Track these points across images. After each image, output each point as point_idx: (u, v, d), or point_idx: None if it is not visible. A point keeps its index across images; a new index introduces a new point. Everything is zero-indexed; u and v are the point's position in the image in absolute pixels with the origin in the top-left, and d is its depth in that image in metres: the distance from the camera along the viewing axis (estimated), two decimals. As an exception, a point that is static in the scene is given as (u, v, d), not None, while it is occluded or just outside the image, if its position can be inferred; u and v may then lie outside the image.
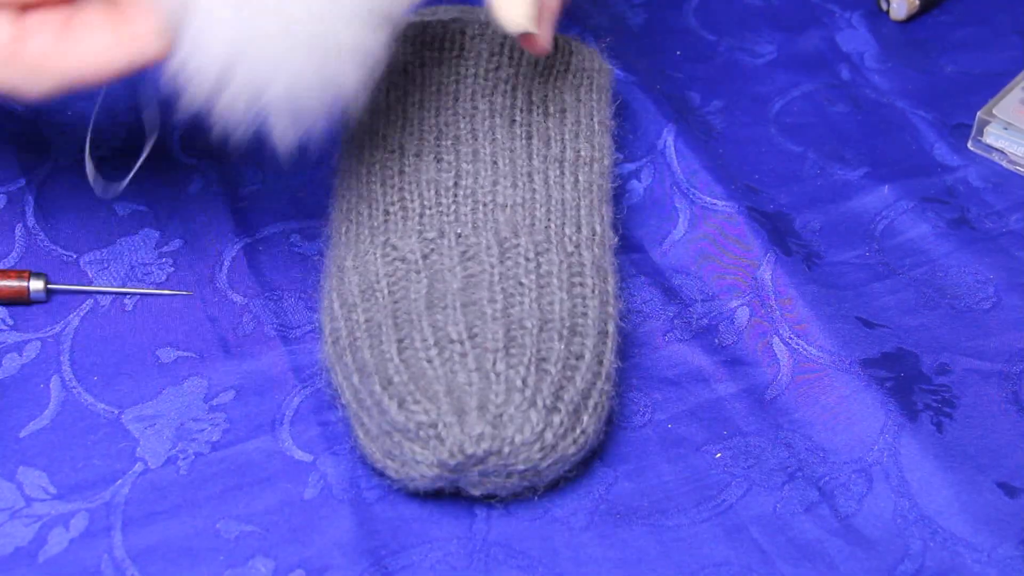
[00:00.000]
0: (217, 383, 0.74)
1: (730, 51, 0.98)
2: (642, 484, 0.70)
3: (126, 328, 0.76)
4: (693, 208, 0.84)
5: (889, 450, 0.71)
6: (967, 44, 0.99)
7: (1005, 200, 0.87)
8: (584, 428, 0.67)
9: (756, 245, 0.81)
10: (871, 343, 0.76)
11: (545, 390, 0.65)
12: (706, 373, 0.76)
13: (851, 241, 0.84)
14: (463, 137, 0.75)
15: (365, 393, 0.67)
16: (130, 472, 0.70)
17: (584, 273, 0.72)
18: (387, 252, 0.72)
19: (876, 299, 0.80)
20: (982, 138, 0.89)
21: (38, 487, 0.69)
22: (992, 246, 0.83)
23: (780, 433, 0.72)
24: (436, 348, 0.66)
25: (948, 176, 0.88)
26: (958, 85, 0.96)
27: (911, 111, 0.93)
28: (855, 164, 0.89)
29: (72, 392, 0.73)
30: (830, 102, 0.94)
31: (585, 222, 0.74)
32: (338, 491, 0.69)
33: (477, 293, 0.69)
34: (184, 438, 0.71)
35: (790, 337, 0.77)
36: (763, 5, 1.02)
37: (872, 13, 1.01)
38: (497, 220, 0.73)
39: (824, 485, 0.70)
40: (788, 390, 0.74)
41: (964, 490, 0.69)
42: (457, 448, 0.63)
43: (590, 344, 0.69)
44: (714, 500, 0.69)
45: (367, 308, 0.70)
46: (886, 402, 0.73)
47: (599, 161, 0.78)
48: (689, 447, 0.72)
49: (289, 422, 0.72)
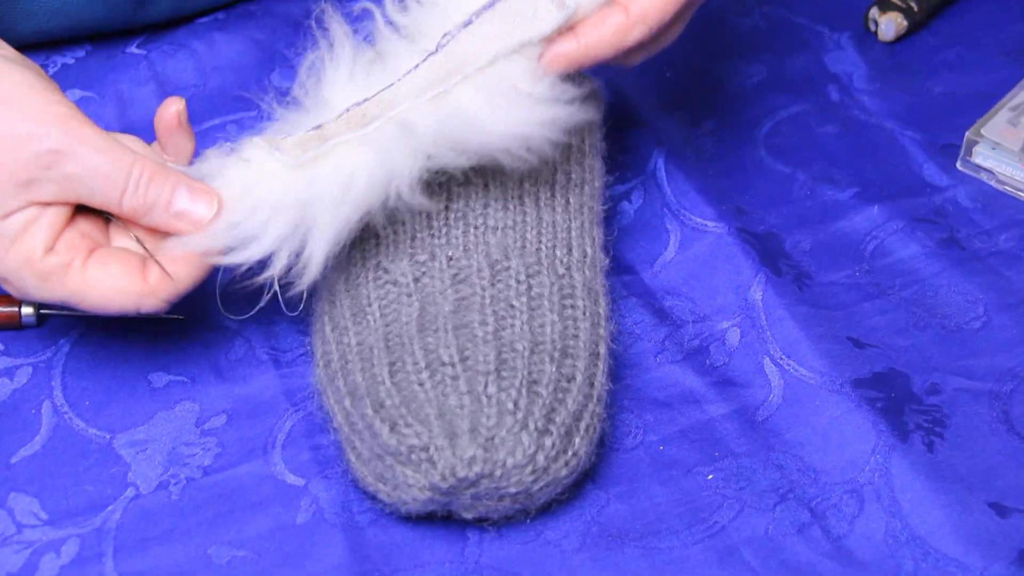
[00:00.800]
0: (209, 407, 0.74)
1: (719, 73, 0.98)
2: (634, 506, 0.70)
3: (118, 353, 0.76)
4: (684, 229, 0.85)
5: (880, 470, 0.71)
6: (955, 65, 1.00)
7: (994, 220, 0.87)
8: (576, 450, 0.67)
9: (747, 266, 0.82)
10: (862, 363, 0.76)
11: (537, 412, 0.65)
12: (697, 394, 0.76)
13: (841, 261, 0.84)
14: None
15: (357, 416, 0.67)
16: (121, 497, 0.70)
17: (575, 295, 0.72)
18: (378, 275, 0.72)
19: (866, 319, 0.80)
20: (971, 158, 0.90)
21: (29, 513, 0.69)
22: (981, 266, 0.83)
23: (771, 454, 0.73)
24: (428, 371, 0.66)
25: (937, 196, 0.89)
26: (946, 105, 0.96)
27: (900, 132, 0.93)
28: (844, 185, 0.89)
29: (64, 417, 0.73)
30: (819, 123, 0.94)
31: (576, 244, 0.75)
32: (330, 515, 0.69)
33: (468, 315, 0.69)
34: (176, 463, 0.71)
35: (781, 358, 0.77)
36: (752, 27, 1.03)
37: (860, 35, 1.02)
38: (488, 242, 0.73)
39: (816, 506, 0.70)
40: (779, 411, 0.75)
41: (955, 510, 0.69)
42: (449, 471, 0.63)
43: (581, 366, 0.69)
44: (706, 522, 0.69)
45: (359, 331, 0.70)
46: (877, 422, 0.73)
47: (589, 183, 0.78)
48: (681, 469, 0.72)
49: (281, 446, 0.72)
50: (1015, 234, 0.86)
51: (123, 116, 0.91)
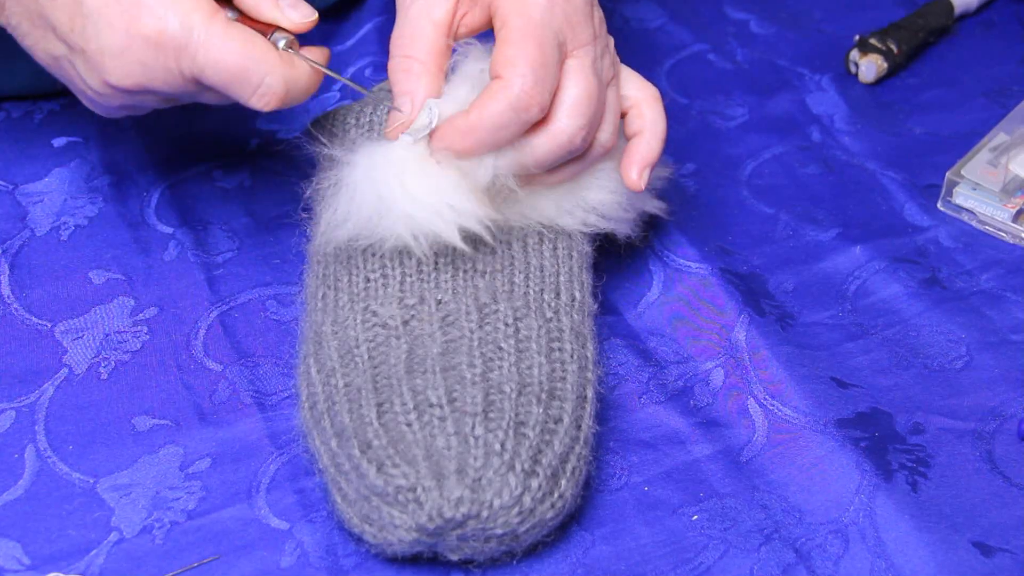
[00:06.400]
0: (193, 451, 0.74)
1: (702, 114, 0.99)
2: (619, 547, 0.70)
3: (101, 396, 0.76)
4: (667, 270, 0.85)
5: (865, 510, 0.71)
6: (935, 105, 1.01)
7: (976, 260, 0.87)
8: (562, 492, 0.67)
9: (730, 306, 0.82)
10: (845, 403, 0.77)
11: (523, 454, 0.65)
12: (682, 435, 0.76)
13: (824, 302, 0.84)
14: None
15: (343, 457, 0.67)
16: (105, 542, 0.69)
17: (563, 338, 0.72)
18: (367, 318, 0.72)
19: (849, 359, 0.80)
20: (952, 199, 0.90)
21: (12, 558, 0.68)
22: (964, 305, 0.84)
23: (756, 494, 0.73)
24: (415, 412, 0.66)
25: (919, 236, 0.89)
26: (927, 146, 0.97)
27: (881, 172, 0.94)
28: (827, 225, 0.90)
29: (47, 461, 0.73)
30: (801, 164, 0.95)
31: (564, 288, 0.75)
32: (315, 559, 0.69)
33: (456, 358, 0.69)
34: (160, 507, 0.71)
35: (765, 398, 0.77)
36: (734, 68, 1.04)
37: (841, 76, 1.03)
38: (476, 286, 0.73)
39: (801, 547, 0.70)
40: (763, 451, 0.75)
41: (940, 549, 0.69)
42: (436, 512, 0.63)
43: (569, 408, 0.69)
44: (691, 563, 0.69)
45: (346, 373, 0.70)
46: (861, 462, 0.73)
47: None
48: (665, 509, 0.72)
49: (265, 490, 0.72)
50: (996, 274, 0.86)
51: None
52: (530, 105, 0.70)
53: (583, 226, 0.78)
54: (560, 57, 0.71)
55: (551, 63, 0.70)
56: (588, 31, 0.72)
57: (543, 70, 0.70)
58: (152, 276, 0.83)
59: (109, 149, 0.91)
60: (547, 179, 0.75)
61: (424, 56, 0.72)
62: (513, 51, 0.70)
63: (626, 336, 0.81)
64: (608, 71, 0.75)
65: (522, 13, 0.70)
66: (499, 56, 0.70)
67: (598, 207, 0.77)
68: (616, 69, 0.76)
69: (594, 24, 0.73)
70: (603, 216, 0.78)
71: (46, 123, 0.92)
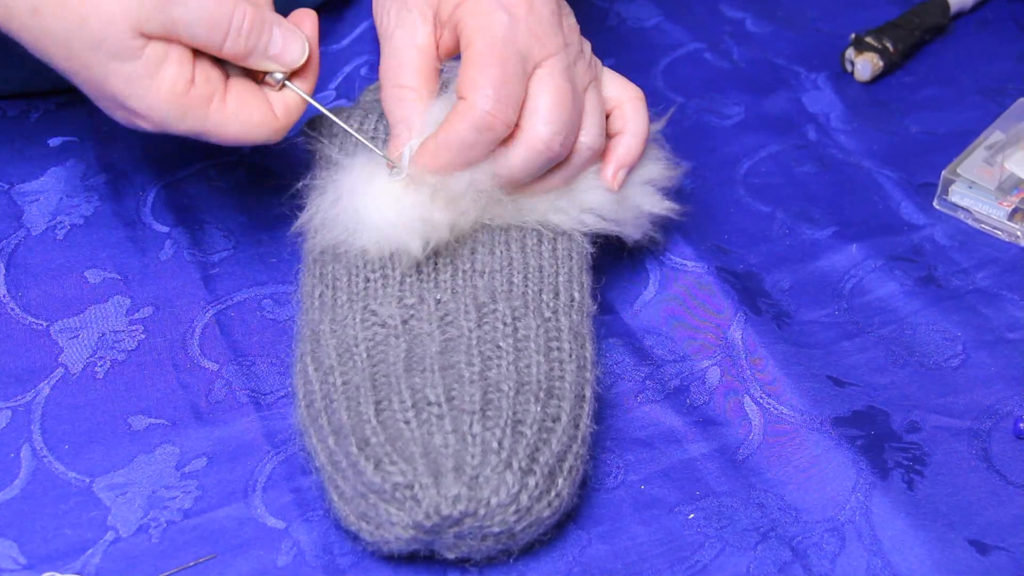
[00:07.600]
0: (189, 450, 0.74)
1: (698, 113, 0.99)
2: (615, 546, 0.70)
3: (97, 396, 0.76)
4: (663, 269, 0.85)
5: (861, 508, 0.71)
6: (931, 104, 1.01)
7: (971, 258, 0.87)
8: (559, 491, 0.67)
9: (726, 305, 0.82)
10: (841, 402, 0.77)
11: (521, 452, 0.65)
12: (678, 433, 0.76)
13: (820, 300, 0.84)
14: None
15: (341, 455, 0.67)
16: (101, 541, 0.69)
17: (561, 338, 0.72)
18: (366, 317, 0.72)
19: (846, 357, 0.80)
20: (947, 197, 0.90)
21: (8, 557, 0.68)
22: (960, 304, 0.84)
23: (752, 493, 0.73)
24: (414, 410, 0.66)
25: (915, 235, 0.89)
26: (923, 144, 0.97)
27: (877, 171, 0.94)
28: (823, 224, 0.90)
29: (43, 461, 0.73)
30: (797, 162, 0.95)
31: (563, 289, 0.75)
32: (311, 558, 0.69)
33: (455, 356, 0.69)
34: (156, 506, 0.71)
35: (761, 396, 0.77)
36: (730, 67, 1.04)
37: (837, 74, 1.03)
38: (475, 286, 0.73)
39: (797, 545, 0.70)
40: (760, 450, 0.75)
41: (936, 548, 0.69)
42: (433, 509, 0.63)
43: (567, 407, 0.69)
44: (687, 561, 0.69)
45: (344, 371, 0.70)
46: (857, 460, 0.73)
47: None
48: (662, 508, 0.72)
49: (262, 489, 0.72)
50: (992, 272, 0.86)
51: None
52: (493, 124, 0.71)
53: (581, 226, 0.78)
54: (526, 71, 0.72)
55: (514, 80, 0.71)
56: (556, 40, 0.73)
57: (505, 88, 0.70)
58: (148, 275, 0.83)
59: (105, 148, 0.91)
60: (538, 186, 0.75)
61: (415, 83, 0.74)
62: (475, 72, 0.71)
63: (622, 335, 0.81)
64: (584, 76, 0.75)
65: (485, 33, 0.71)
66: (463, 77, 0.71)
67: (595, 207, 0.78)
68: (596, 72, 0.77)
69: (563, 32, 0.74)
70: (602, 217, 0.78)
71: (42, 122, 0.92)
